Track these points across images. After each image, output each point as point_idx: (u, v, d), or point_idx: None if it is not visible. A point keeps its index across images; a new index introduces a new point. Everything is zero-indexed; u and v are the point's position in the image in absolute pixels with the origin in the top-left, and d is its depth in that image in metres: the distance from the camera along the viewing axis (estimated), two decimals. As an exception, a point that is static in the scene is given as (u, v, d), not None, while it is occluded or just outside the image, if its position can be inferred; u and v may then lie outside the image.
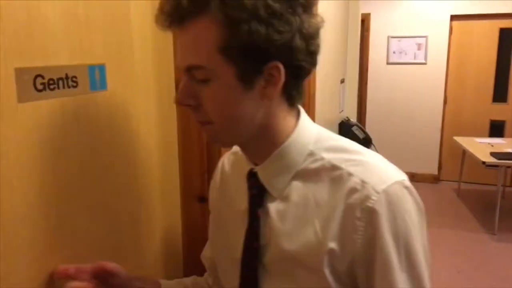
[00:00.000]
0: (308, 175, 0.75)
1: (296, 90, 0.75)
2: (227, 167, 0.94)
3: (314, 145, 0.77)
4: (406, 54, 5.76)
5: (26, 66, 0.72)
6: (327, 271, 0.71)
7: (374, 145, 3.46)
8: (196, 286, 1.03)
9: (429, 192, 5.53)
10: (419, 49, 5.70)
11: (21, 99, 0.71)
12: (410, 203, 0.71)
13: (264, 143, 0.77)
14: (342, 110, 3.53)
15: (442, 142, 5.85)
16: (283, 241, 0.75)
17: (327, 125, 2.89)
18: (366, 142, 3.34)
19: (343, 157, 0.74)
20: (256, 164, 0.80)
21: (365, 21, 5.63)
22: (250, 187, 0.80)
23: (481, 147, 4.63)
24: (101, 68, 0.90)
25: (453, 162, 5.64)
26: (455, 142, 5.05)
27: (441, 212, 4.92)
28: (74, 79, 0.83)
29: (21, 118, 0.72)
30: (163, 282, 0.98)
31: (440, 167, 5.92)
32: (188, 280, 1.05)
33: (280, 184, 0.77)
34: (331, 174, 0.73)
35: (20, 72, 0.71)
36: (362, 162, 0.73)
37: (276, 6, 0.64)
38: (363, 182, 0.70)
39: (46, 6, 0.76)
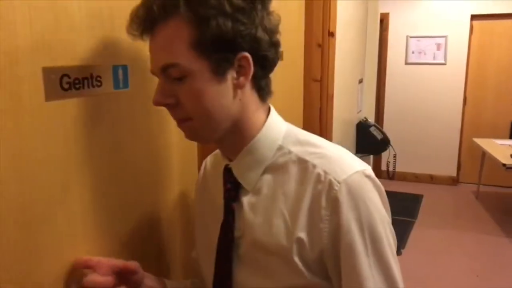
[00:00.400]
0: (277, 168, 0.80)
1: (264, 81, 0.80)
2: (208, 167, 0.99)
3: (282, 140, 0.82)
4: (425, 54, 5.69)
5: (53, 65, 0.74)
6: (297, 260, 0.75)
7: (392, 146, 3.42)
8: (195, 286, 1.07)
9: (447, 194, 5.46)
10: (438, 49, 5.63)
11: (48, 97, 0.73)
12: (371, 191, 0.75)
13: (237, 137, 0.81)
14: (360, 111, 3.51)
15: (462, 143, 5.76)
16: (255, 232, 0.79)
17: (345, 126, 2.88)
18: (384, 142, 3.31)
19: (309, 150, 0.79)
20: (230, 160, 0.84)
21: (383, 20, 5.57)
22: (225, 182, 0.84)
23: (501, 149, 4.55)
24: (124, 68, 0.92)
25: (473, 164, 5.55)
26: (475, 143, 4.97)
27: (459, 215, 4.85)
28: (98, 78, 0.84)
29: (47, 116, 0.74)
30: (167, 281, 1.00)
31: (459, 169, 5.83)
32: (188, 281, 1.09)
33: (252, 178, 0.81)
34: (298, 166, 0.78)
35: (47, 72, 0.73)
36: (326, 155, 0.78)
37: (239, 2, 0.71)
38: (325, 173, 0.75)
39: (73, 7, 0.77)
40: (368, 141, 3.20)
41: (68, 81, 0.77)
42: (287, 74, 1.98)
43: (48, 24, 0.72)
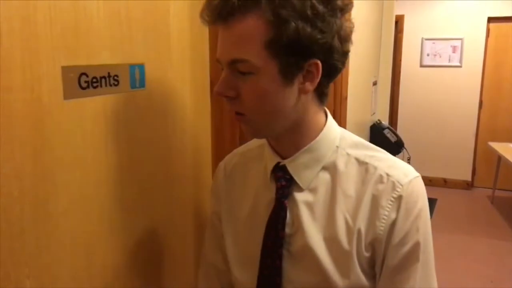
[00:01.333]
0: (335, 168, 0.82)
1: (327, 88, 0.80)
2: (230, 168, 0.96)
3: (339, 142, 0.84)
4: (440, 56, 5.63)
5: (72, 64, 0.75)
6: (354, 252, 0.78)
7: (406, 149, 3.40)
8: None
9: (461, 199, 5.39)
10: (454, 51, 5.56)
11: (66, 96, 0.74)
12: (426, 196, 0.80)
13: (297, 137, 0.81)
14: (374, 113, 3.49)
15: (477, 147, 5.68)
16: (311, 230, 0.80)
17: (358, 128, 2.86)
18: (398, 145, 3.29)
19: (367, 153, 0.83)
20: (282, 157, 0.83)
21: (398, 22, 5.53)
22: (278, 179, 0.83)
23: (518, 153, 4.48)
24: (141, 67, 0.93)
25: (488, 168, 5.47)
26: (490, 147, 4.90)
27: (473, 220, 4.79)
28: (116, 77, 0.85)
29: (66, 115, 0.75)
30: None
31: (474, 173, 5.76)
32: None
33: (308, 176, 0.82)
34: (357, 167, 0.81)
35: (66, 70, 0.74)
36: (384, 158, 0.82)
37: (320, 8, 0.69)
38: (388, 175, 0.79)
39: (91, 7, 0.79)
40: (382, 144, 3.17)
41: (86, 80, 0.78)
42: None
43: (67, 24, 0.74)
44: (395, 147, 3.26)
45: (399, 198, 0.77)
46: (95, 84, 0.80)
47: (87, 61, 0.78)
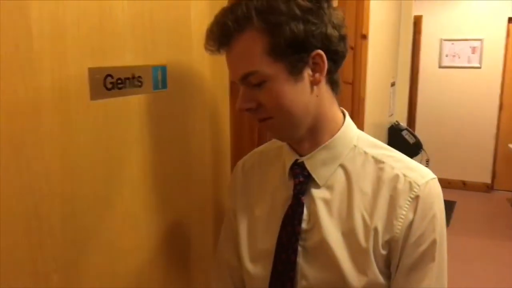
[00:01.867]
0: (353, 166, 0.84)
1: (336, 75, 0.83)
2: (248, 168, 0.99)
3: (356, 141, 0.86)
4: (459, 57, 5.55)
5: (98, 66, 0.77)
6: (371, 250, 0.79)
7: (424, 150, 3.37)
8: None
9: (481, 202, 5.31)
10: (473, 52, 5.48)
11: (93, 96, 0.77)
12: (442, 198, 0.81)
13: (316, 133, 0.84)
14: (392, 114, 3.46)
15: (497, 149, 5.59)
16: (328, 226, 0.82)
17: (376, 129, 2.85)
18: (416, 147, 3.25)
19: (385, 153, 0.85)
20: (300, 155, 0.86)
21: (417, 23, 5.48)
22: (295, 176, 0.85)
23: (540, 155, 4.39)
24: (163, 69, 0.95)
25: (508, 170, 5.38)
26: (511, 150, 4.83)
27: (493, 223, 4.71)
28: (139, 79, 0.87)
29: (92, 115, 0.77)
30: None
31: (494, 176, 5.66)
32: None
33: (326, 173, 0.84)
34: (374, 166, 0.83)
35: (92, 72, 0.76)
36: (402, 159, 0.84)
37: (307, 4, 0.74)
38: (405, 175, 0.80)
39: (116, 9, 0.81)
40: (400, 145, 3.15)
41: (112, 81, 0.80)
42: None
43: (94, 26, 0.76)
44: (413, 149, 3.22)
45: (417, 198, 0.78)
46: (120, 85, 0.82)
47: (112, 63, 0.81)
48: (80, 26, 0.73)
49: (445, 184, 5.70)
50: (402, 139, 3.22)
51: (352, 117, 0.90)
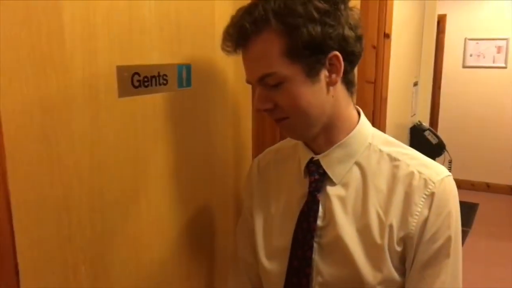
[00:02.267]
0: (368, 164, 0.84)
1: (351, 75, 0.84)
2: (263, 166, 1.00)
3: (372, 139, 0.87)
4: (484, 57, 5.44)
5: (126, 64, 0.80)
6: (386, 246, 0.79)
7: (447, 151, 3.32)
8: None
9: (504, 204, 5.19)
10: (498, 52, 5.37)
11: (121, 94, 0.79)
12: (457, 195, 0.82)
13: (332, 132, 0.85)
14: (414, 114, 3.43)
15: (522, 151, 5.47)
16: (343, 223, 0.83)
17: (398, 129, 2.82)
18: (439, 147, 3.21)
19: (400, 151, 0.85)
20: (315, 153, 0.87)
21: (440, 22, 5.40)
22: (311, 173, 0.87)
23: None
24: (188, 67, 0.97)
25: (534, 173, 5.25)
26: (537, 151, 4.71)
27: (518, 226, 4.61)
28: (165, 77, 0.89)
29: (120, 111, 0.80)
30: None
31: (518, 178, 5.54)
32: None
33: (341, 170, 0.85)
34: (389, 164, 0.83)
35: (121, 70, 0.79)
36: (417, 157, 0.85)
37: (324, 6, 0.74)
38: (420, 173, 0.81)
39: (144, 9, 0.83)
40: (422, 146, 3.11)
41: (139, 79, 0.83)
42: (340, 75, 1.97)
43: (123, 25, 0.78)
44: (436, 149, 3.18)
45: (432, 195, 0.79)
46: (146, 83, 0.84)
47: (139, 61, 0.83)
48: (110, 26, 0.75)
49: (468, 186, 5.61)
50: (424, 140, 3.18)
51: (373, 117, 0.91)
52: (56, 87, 0.68)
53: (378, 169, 0.84)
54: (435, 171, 0.82)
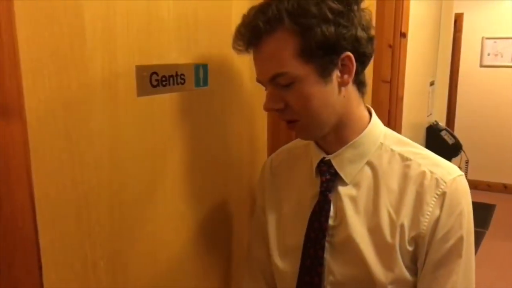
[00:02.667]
0: (379, 164, 0.85)
1: (362, 75, 0.84)
2: (276, 166, 1.01)
3: (383, 139, 0.87)
4: (502, 56, 5.37)
5: (145, 64, 0.81)
6: (397, 246, 0.80)
7: (464, 152, 3.28)
8: None
9: (523, 206, 5.12)
10: (517, 51, 5.29)
11: (140, 93, 0.80)
12: (469, 194, 0.82)
13: (343, 132, 0.85)
14: (431, 114, 3.39)
15: (541, 152, 5.38)
16: (355, 223, 0.83)
17: (414, 128, 2.80)
18: (455, 148, 3.17)
19: (411, 150, 0.85)
20: (327, 153, 0.87)
21: (457, 21, 5.33)
22: (322, 173, 0.87)
23: None
24: (205, 67, 0.98)
25: (553, 174, 5.16)
26: (556, 152, 4.63)
27: (536, 228, 4.53)
28: (182, 76, 0.90)
29: (138, 110, 0.81)
30: None
31: (536, 179, 5.45)
32: None
33: (352, 170, 0.85)
34: (400, 164, 0.83)
35: (139, 69, 0.80)
36: (429, 156, 0.85)
37: (338, 6, 0.74)
38: (431, 172, 0.81)
39: (163, 9, 0.84)
40: (438, 146, 3.08)
41: (157, 79, 0.84)
42: (356, 75, 1.96)
43: (142, 26, 0.79)
44: (452, 150, 3.15)
45: (443, 194, 0.79)
46: (164, 83, 0.86)
47: (157, 61, 0.84)
48: (129, 26, 0.77)
49: (485, 187, 5.53)
50: (440, 140, 3.15)
51: (389, 116, 0.91)
52: (77, 86, 0.69)
53: (389, 169, 0.84)
54: (447, 171, 0.82)
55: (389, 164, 0.84)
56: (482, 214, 4.64)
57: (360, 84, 0.85)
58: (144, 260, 0.87)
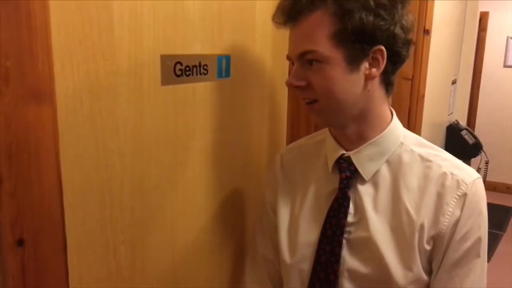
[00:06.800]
0: (399, 163, 0.85)
1: (393, 76, 0.84)
2: (287, 163, 1.00)
3: (403, 139, 0.87)
4: (527, 56, 5.25)
5: (169, 53, 0.82)
6: (416, 245, 0.80)
7: (484, 152, 3.23)
8: None
9: (542, 209, 5.01)
10: (543, 51, 5.16)
11: (164, 82, 0.81)
12: (485, 199, 0.83)
13: (364, 128, 0.85)
14: (451, 113, 3.34)
15: None
16: (374, 221, 0.83)
17: (434, 127, 2.77)
18: (476, 148, 3.12)
19: (431, 152, 0.86)
20: (345, 150, 0.86)
21: (482, 20, 5.23)
22: (342, 170, 0.87)
23: None
24: (227, 58, 0.98)
25: None
26: None
27: (556, 232, 4.44)
28: (205, 67, 0.91)
29: (162, 99, 0.82)
30: None
31: (558, 183, 5.33)
32: None
33: (372, 168, 0.85)
34: (421, 164, 0.84)
35: (164, 59, 0.81)
36: (448, 158, 0.86)
37: None
38: (452, 174, 0.82)
39: (189, 1, 0.85)
40: (458, 145, 3.04)
41: (181, 68, 0.85)
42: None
43: (168, 16, 0.80)
44: (472, 150, 3.10)
45: (464, 196, 0.80)
46: (187, 72, 0.87)
47: (182, 51, 0.85)
48: (156, 16, 0.78)
49: (504, 189, 5.44)
50: (461, 139, 3.11)
51: (409, 114, 0.91)
52: (104, 73, 0.71)
53: (409, 169, 0.84)
54: (468, 173, 0.83)
55: (409, 164, 0.84)
56: (500, 216, 4.56)
57: (388, 84, 0.84)
58: (163, 247, 0.88)
